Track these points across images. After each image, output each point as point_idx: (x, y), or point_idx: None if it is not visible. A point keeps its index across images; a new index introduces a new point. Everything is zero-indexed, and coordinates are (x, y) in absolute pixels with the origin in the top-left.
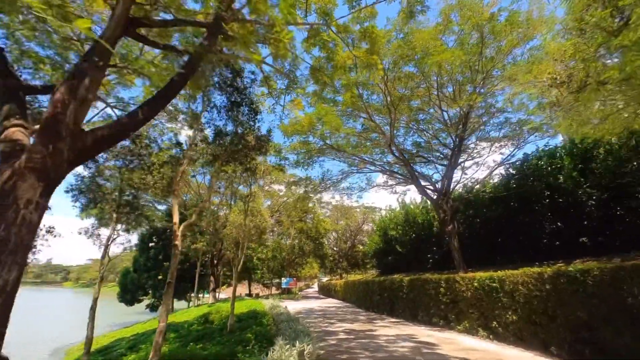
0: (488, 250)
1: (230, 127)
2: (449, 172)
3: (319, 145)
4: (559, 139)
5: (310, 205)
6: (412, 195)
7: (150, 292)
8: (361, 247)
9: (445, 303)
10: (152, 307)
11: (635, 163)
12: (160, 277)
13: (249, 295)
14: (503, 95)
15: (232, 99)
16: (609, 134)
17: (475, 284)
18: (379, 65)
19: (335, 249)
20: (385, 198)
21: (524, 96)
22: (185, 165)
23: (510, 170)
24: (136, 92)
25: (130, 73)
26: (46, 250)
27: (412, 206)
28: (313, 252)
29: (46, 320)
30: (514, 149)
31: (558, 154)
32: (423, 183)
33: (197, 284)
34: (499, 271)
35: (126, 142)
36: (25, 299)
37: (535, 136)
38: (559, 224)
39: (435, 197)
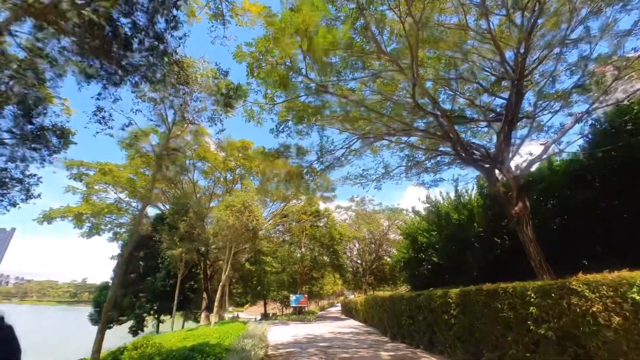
0: (568, 250)
1: None
2: (507, 131)
3: (311, 93)
4: None
5: (323, 207)
6: (444, 187)
7: (127, 312)
8: (388, 260)
9: (545, 336)
10: (135, 331)
11: None
12: (142, 294)
13: (265, 315)
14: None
15: None
16: None
17: (636, 296)
18: None
19: (358, 261)
20: (410, 199)
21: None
22: None
23: (597, 126)
24: None
25: None
26: (82, 269)
27: (445, 203)
28: (330, 264)
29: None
30: (594, 104)
31: None
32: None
33: (175, 301)
34: None
35: None
36: (52, 317)
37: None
38: None
39: (488, 167)
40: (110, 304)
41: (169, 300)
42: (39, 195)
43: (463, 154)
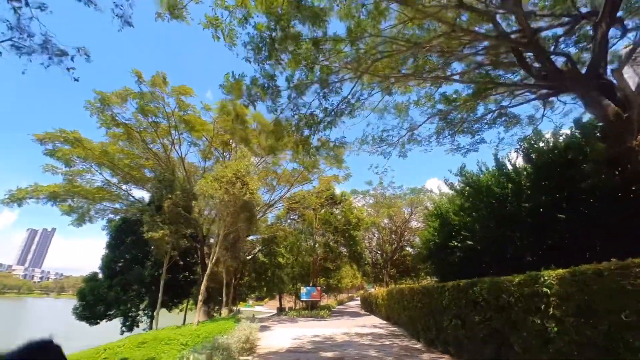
0: None
1: None
2: (609, 21)
3: None
4: None
5: (339, 192)
6: (483, 155)
7: (113, 306)
8: (410, 250)
9: None
10: (130, 326)
11: None
12: (130, 285)
13: (281, 309)
14: None
15: None
16: None
17: None
18: None
19: (378, 252)
20: (436, 182)
21: None
22: None
23: None
24: None
25: None
26: None
27: (486, 173)
28: (347, 254)
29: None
30: None
31: None
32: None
33: (160, 293)
34: None
35: None
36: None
37: None
38: None
39: (585, 83)
40: None
41: (162, 293)
42: None
43: (541, 64)
